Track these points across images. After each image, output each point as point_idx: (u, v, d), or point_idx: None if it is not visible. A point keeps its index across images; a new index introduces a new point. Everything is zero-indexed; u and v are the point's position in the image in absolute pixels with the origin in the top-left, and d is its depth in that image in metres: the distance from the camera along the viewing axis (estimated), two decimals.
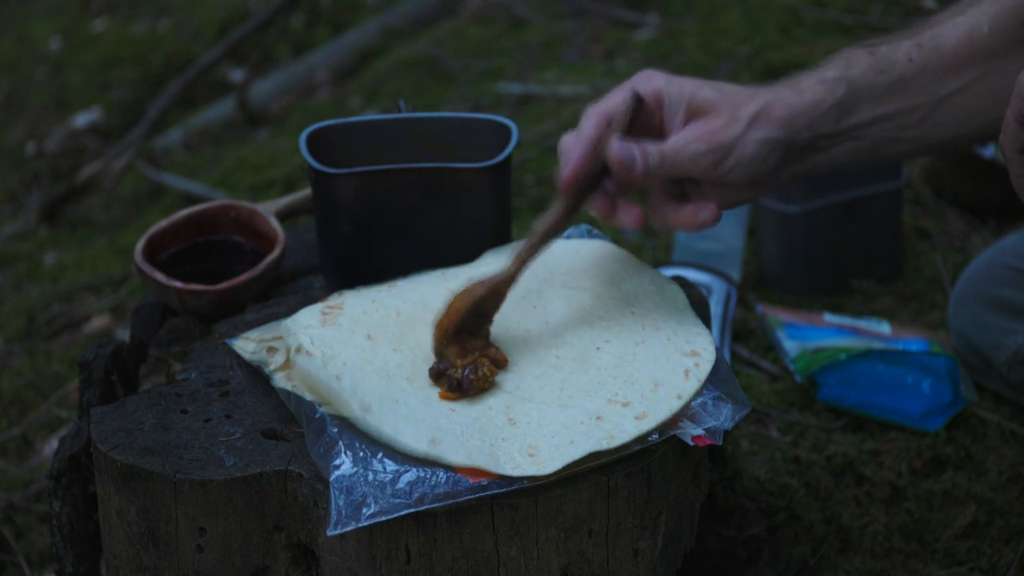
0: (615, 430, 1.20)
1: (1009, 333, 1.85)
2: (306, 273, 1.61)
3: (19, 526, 2.03)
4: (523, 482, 1.16)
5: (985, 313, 1.90)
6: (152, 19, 4.86)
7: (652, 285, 1.43)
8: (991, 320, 1.88)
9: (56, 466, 1.43)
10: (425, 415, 1.22)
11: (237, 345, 1.38)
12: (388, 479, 1.15)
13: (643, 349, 1.31)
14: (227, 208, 1.62)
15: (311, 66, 4.14)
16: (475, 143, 1.54)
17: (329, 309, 1.37)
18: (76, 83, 4.45)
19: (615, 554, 1.23)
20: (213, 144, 3.77)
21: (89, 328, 2.67)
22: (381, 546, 1.18)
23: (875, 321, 2.15)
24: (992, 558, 1.72)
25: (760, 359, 2.12)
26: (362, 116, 2.16)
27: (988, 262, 1.94)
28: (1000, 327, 1.86)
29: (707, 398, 1.26)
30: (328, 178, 1.44)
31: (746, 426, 1.94)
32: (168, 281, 1.49)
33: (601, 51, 3.59)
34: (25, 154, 4.02)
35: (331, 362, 1.27)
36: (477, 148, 1.52)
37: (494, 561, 1.19)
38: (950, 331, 2.02)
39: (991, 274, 1.91)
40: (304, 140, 1.49)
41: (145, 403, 1.32)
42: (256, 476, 1.21)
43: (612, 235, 1.87)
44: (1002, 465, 1.85)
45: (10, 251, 3.23)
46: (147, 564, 1.25)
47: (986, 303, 1.90)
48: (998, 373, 1.85)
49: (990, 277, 1.91)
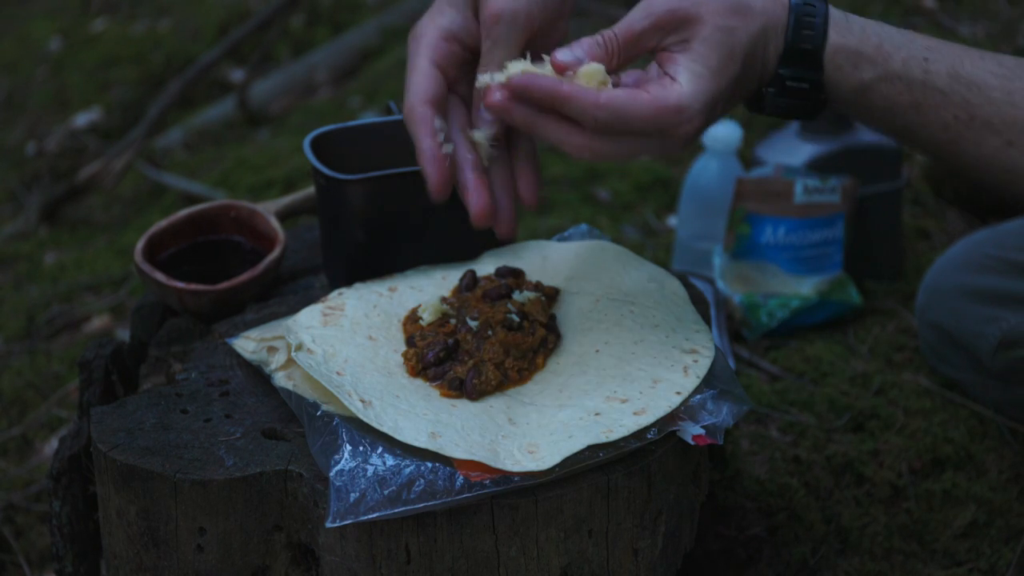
0: (613, 424, 1.20)
1: (992, 321, 1.84)
2: (306, 273, 1.61)
3: (19, 526, 2.03)
4: (523, 478, 1.16)
5: (964, 303, 1.89)
6: (152, 19, 4.86)
7: (652, 282, 1.43)
8: (971, 309, 1.88)
9: (56, 466, 1.43)
10: (426, 410, 1.23)
11: (237, 344, 1.38)
12: (388, 473, 1.15)
13: (642, 348, 1.31)
14: (227, 208, 1.62)
15: (311, 66, 4.15)
16: None
17: (330, 310, 1.37)
18: (76, 83, 4.46)
19: (615, 554, 1.23)
20: (213, 144, 3.77)
21: (89, 328, 2.67)
22: (381, 546, 1.18)
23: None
24: (991, 558, 1.72)
25: (760, 359, 2.12)
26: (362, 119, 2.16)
27: (963, 253, 1.94)
28: (982, 315, 1.86)
29: (707, 396, 1.26)
30: (340, 184, 1.44)
31: (746, 426, 1.94)
32: (168, 281, 1.49)
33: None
34: (25, 154, 4.02)
35: (332, 359, 1.28)
36: None
37: (494, 561, 1.19)
38: (918, 325, 2.02)
39: (968, 264, 1.91)
40: (308, 146, 1.49)
41: (145, 403, 1.32)
42: (256, 476, 1.21)
43: (612, 235, 1.87)
44: (1002, 465, 1.86)
45: (10, 251, 3.23)
46: (147, 564, 1.25)
47: (964, 293, 1.89)
48: (987, 362, 1.85)
49: (967, 267, 1.91)
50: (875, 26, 1.25)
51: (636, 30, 1.22)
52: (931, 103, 1.24)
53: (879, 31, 1.25)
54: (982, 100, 1.24)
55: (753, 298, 2.18)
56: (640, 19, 1.22)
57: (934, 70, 1.24)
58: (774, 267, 2.21)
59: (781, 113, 1.27)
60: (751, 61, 1.23)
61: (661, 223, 2.63)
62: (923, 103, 1.24)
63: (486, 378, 1.27)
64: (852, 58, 1.24)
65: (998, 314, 1.83)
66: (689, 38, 1.21)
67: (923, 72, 1.24)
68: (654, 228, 2.61)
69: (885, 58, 1.24)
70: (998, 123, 1.24)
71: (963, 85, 1.24)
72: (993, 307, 1.84)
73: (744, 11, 1.22)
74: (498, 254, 1.51)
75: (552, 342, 1.34)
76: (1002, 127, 1.24)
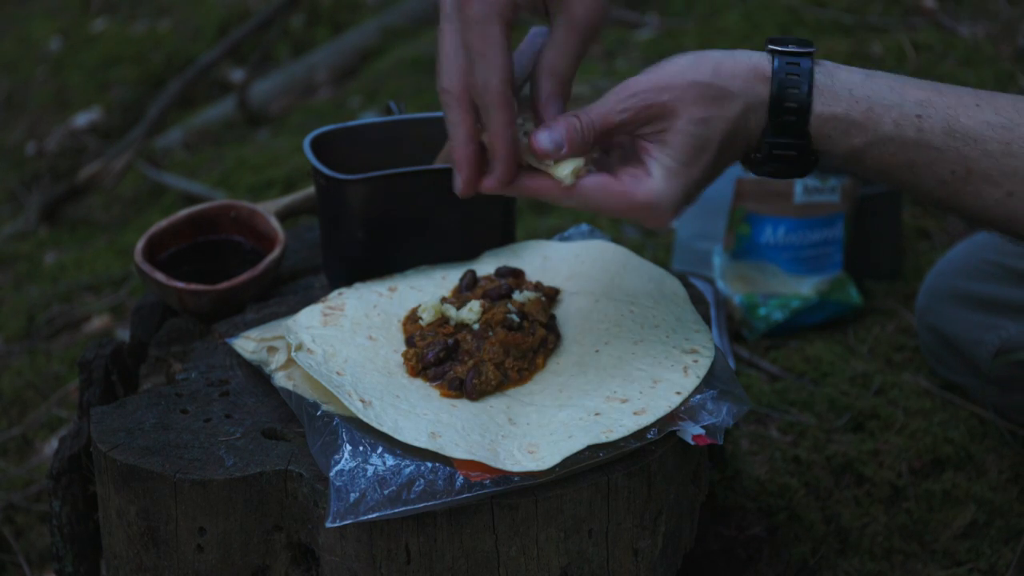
0: (613, 424, 1.20)
1: (991, 328, 1.84)
2: (306, 273, 1.61)
3: (19, 526, 2.04)
4: (523, 478, 1.16)
5: (962, 309, 1.89)
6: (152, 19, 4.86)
7: (651, 282, 1.43)
8: (969, 316, 1.88)
9: (56, 466, 1.43)
10: (426, 410, 1.23)
11: (237, 344, 1.38)
12: (387, 473, 1.15)
13: (642, 348, 1.31)
14: (227, 208, 1.62)
15: (311, 66, 4.15)
16: None
17: (330, 311, 1.37)
18: (76, 83, 4.46)
19: (615, 554, 1.23)
20: (213, 144, 3.77)
21: (89, 328, 2.67)
22: (381, 546, 1.18)
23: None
24: (991, 558, 1.72)
25: (760, 359, 2.12)
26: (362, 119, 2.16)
27: (963, 257, 1.93)
28: (980, 323, 1.86)
29: (707, 396, 1.26)
30: (341, 184, 1.44)
31: (746, 426, 1.94)
32: (168, 281, 1.49)
33: (601, 51, 3.59)
34: (25, 154, 4.03)
35: (332, 359, 1.28)
36: None
37: (494, 561, 1.19)
38: (918, 327, 2.02)
39: (968, 268, 1.90)
40: (308, 146, 1.49)
41: (145, 403, 1.32)
42: (256, 476, 1.21)
43: (612, 235, 1.87)
44: (1002, 465, 1.86)
45: (10, 251, 3.23)
46: (147, 564, 1.25)
47: (963, 299, 1.89)
48: (985, 369, 1.85)
49: (966, 272, 1.90)
50: (864, 84, 1.22)
51: (613, 122, 1.21)
52: (926, 160, 1.22)
53: (869, 91, 1.22)
54: (979, 153, 1.21)
55: (753, 298, 2.18)
56: (618, 111, 1.21)
57: (928, 127, 1.22)
58: (774, 267, 2.21)
59: (771, 175, 1.27)
60: (732, 140, 1.23)
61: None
62: (918, 161, 1.22)
63: (486, 378, 1.27)
64: (841, 126, 1.22)
65: (997, 322, 1.83)
66: (665, 129, 1.21)
67: (916, 131, 1.22)
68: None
69: (876, 122, 1.21)
70: (997, 175, 1.21)
71: (959, 140, 1.21)
72: (992, 315, 1.84)
73: (721, 98, 1.21)
74: (498, 254, 1.51)
75: (552, 342, 1.34)
76: (1001, 178, 1.22)
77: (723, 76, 1.21)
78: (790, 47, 1.22)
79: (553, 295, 1.41)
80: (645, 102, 1.20)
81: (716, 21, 3.53)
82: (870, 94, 1.22)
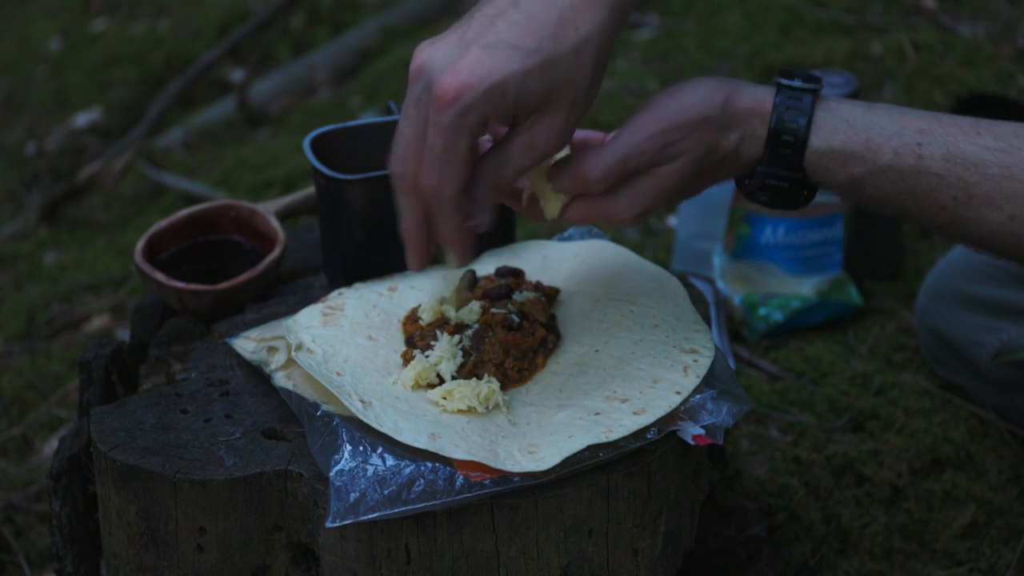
0: (613, 424, 1.20)
1: (991, 331, 1.84)
2: (306, 273, 1.61)
3: (19, 526, 2.04)
4: (523, 479, 1.16)
5: (962, 311, 1.89)
6: (152, 19, 4.85)
7: (652, 282, 1.43)
8: (969, 318, 1.88)
9: (56, 466, 1.43)
10: (426, 411, 1.22)
11: (237, 344, 1.38)
12: (387, 473, 1.15)
13: (641, 347, 1.31)
14: (227, 208, 1.62)
15: (311, 66, 4.14)
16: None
17: (330, 310, 1.37)
18: (76, 83, 4.45)
19: (615, 554, 1.23)
20: (213, 144, 3.77)
21: (89, 328, 2.67)
22: (381, 546, 1.18)
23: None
24: (991, 558, 1.72)
25: (760, 359, 2.12)
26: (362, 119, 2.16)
27: (963, 258, 1.93)
28: (980, 325, 1.86)
29: (707, 396, 1.26)
30: (341, 184, 1.44)
31: (746, 426, 1.94)
32: (168, 281, 1.49)
33: None
34: (25, 154, 4.02)
35: (332, 359, 1.28)
36: None
37: (494, 561, 1.19)
38: (918, 328, 2.02)
39: (968, 270, 1.90)
40: (308, 146, 1.49)
41: (145, 403, 1.32)
42: (256, 476, 1.21)
43: (612, 235, 1.87)
44: (1002, 465, 1.86)
45: (10, 251, 3.23)
46: (147, 564, 1.25)
47: (963, 301, 1.89)
48: (985, 371, 1.85)
49: (967, 273, 1.90)
50: (864, 116, 1.24)
51: (632, 167, 1.23)
52: (926, 187, 1.23)
53: (868, 123, 1.23)
54: (979, 177, 1.22)
55: (753, 298, 2.18)
56: (637, 153, 1.22)
57: (927, 154, 1.22)
58: (774, 267, 2.21)
59: (765, 204, 1.28)
60: (717, 165, 1.25)
61: (661, 223, 2.62)
62: (918, 189, 1.23)
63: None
64: (839, 158, 1.23)
65: (997, 324, 1.83)
66: (667, 164, 1.24)
67: (916, 158, 1.22)
68: (654, 228, 2.60)
69: (875, 152, 1.22)
70: (999, 198, 1.22)
71: (959, 165, 1.22)
72: (992, 317, 1.84)
73: (723, 128, 1.23)
74: (498, 254, 1.51)
75: (552, 342, 1.34)
76: (1003, 202, 1.22)
77: (730, 108, 1.23)
78: (796, 82, 1.24)
79: (553, 295, 1.41)
80: (663, 142, 1.22)
81: (716, 21, 3.53)
82: (869, 125, 1.23)
